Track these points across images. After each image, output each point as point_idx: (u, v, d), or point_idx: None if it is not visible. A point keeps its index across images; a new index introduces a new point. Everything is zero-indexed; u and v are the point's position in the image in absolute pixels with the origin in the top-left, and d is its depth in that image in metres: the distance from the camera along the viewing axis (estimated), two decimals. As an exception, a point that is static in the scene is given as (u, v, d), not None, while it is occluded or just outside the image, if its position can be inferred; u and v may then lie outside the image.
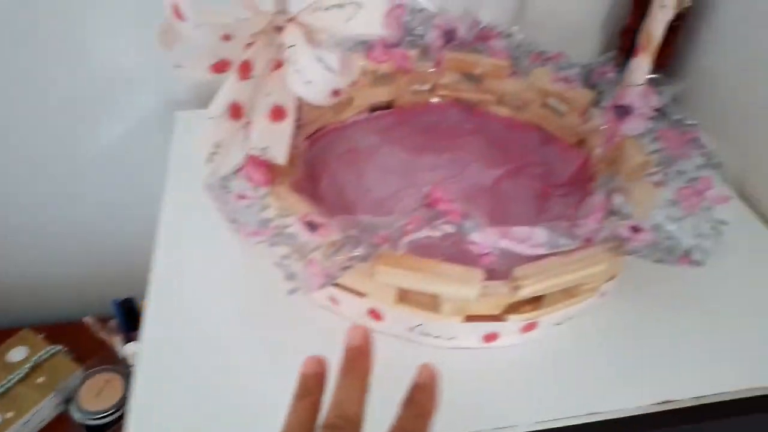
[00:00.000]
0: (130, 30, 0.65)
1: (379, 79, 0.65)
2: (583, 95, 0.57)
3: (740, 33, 0.63)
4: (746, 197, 0.61)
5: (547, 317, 0.44)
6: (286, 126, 0.42)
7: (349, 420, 0.27)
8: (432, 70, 0.64)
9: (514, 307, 0.43)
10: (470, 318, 0.43)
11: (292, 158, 0.53)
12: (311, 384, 0.29)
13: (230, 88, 0.41)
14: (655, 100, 0.49)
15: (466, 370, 0.44)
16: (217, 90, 0.41)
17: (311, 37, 0.41)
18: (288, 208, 0.43)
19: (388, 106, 0.67)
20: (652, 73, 0.48)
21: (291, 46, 0.39)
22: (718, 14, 0.65)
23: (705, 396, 0.43)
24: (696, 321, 0.48)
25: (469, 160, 0.59)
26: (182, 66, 0.41)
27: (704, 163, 0.45)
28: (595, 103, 0.57)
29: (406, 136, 0.64)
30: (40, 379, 0.75)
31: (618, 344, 0.46)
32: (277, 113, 0.41)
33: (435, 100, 0.67)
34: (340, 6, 0.39)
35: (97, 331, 0.75)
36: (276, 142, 0.42)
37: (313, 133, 0.61)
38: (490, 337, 0.44)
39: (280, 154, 0.42)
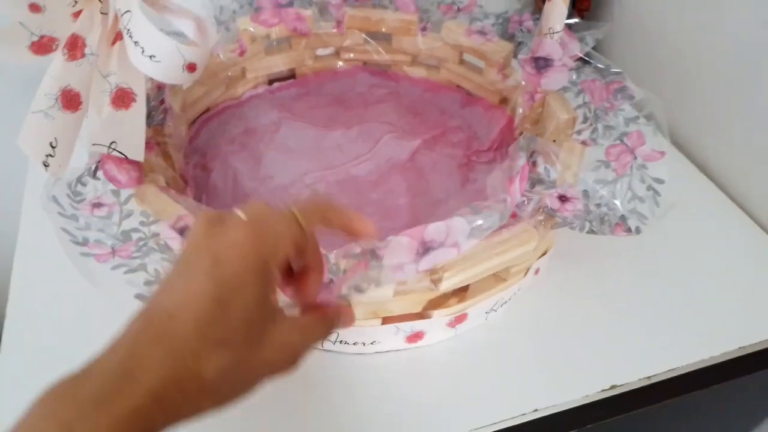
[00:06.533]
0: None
1: (274, 45, 0.57)
2: (501, 48, 0.51)
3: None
4: (680, 146, 0.58)
5: (476, 307, 0.39)
6: (136, 113, 0.34)
7: None
8: (333, 30, 0.57)
9: (438, 302, 0.37)
10: (389, 319, 0.37)
11: (171, 148, 0.45)
12: None
13: (59, 71, 0.32)
14: (576, 48, 0.43)
15: (392, 376, 0.38)
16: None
17: (154, -1, 0.33)
18: (157, 213, 0.35)
19: (288, 76, 0.59)
20: (570, 18, 0.42)
21: (126, 12, 0.31)
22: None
23: (655, 375, 0.39)
24: (639, 291, 0.44)
25: (383, 132, 0.52)
26: (-9, 47, 0.32)
27: (634, 116, 0.40)
28: (515, 55, 0.52)
29: (310, 109, 0.57)
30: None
31: (558, 327, 0.41)
32: (122, 98, 0.33)
33: (341, 65, 0.59)
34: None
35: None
36: (126, 133, 0.34)
37: (202, 114, 0.53)
38: (415, 337, 0.39)
39: (133, 149, 0.34)
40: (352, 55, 0.59)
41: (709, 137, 0.55)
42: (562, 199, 0.35)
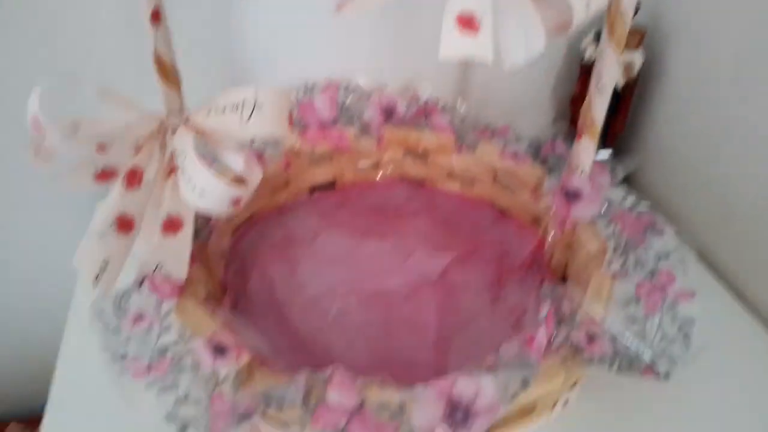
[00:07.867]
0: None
1: (317, 158, 0.61)
2: (533, 173, 0.53)
3: (692, 97, 0.60)
4: (721, 276, 0.56)
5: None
6: (183, 238, 0.36)
7: None
8: (373, 148, 0.60)
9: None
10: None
11: (212, 258, 0.47)
12: None
13: (117, 198, 0.36)
14: (606, 182, 0.45)
15: None
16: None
17: (207, 138, 0.36)
18: (194, 328, 0.37)
19: (330, 185, 0.63)
20: (601, 148, 0.44)
21: (181, 151, 0.34)
22: (669, 78, 0.62)
23: None
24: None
25: (416, 246, 0.54)
26: (60, 179, 0.36)
27: (664, 252, 0.41)
28: (547, 179, 0.53)
29: (348, 218, 0.59)
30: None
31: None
32: (172, 225, 0.36)
33: (379, 176, 0.62)
34: (236, 107, 0.34)
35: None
36: (172, 256, 0.36)
37: (245, 221, 0.56)
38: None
39: (178, 270, 0.36)
40: (390, 168, 0.61)
41: (751, 268, 0.54)
42: (590, 338, 0.35)
